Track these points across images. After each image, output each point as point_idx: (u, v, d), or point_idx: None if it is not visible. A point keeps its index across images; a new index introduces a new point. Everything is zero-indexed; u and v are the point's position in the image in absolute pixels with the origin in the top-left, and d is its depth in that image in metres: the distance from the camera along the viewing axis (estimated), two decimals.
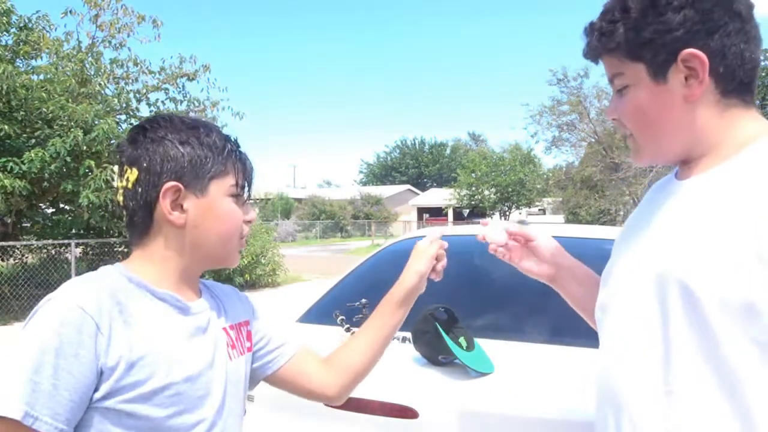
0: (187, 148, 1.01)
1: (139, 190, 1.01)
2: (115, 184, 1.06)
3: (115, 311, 0.93)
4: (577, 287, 1.23)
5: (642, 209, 1.06)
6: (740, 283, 0.80)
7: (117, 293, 0.95)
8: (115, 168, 1.07)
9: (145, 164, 1.00)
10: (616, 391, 0.94)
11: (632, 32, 0.91)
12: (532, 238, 1.23)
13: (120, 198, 1.04)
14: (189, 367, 0.98)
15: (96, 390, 0.89)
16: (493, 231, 1.25)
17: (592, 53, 0.98)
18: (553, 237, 1.31)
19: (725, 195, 0.86)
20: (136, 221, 1.03)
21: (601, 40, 0.95)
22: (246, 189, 1.10)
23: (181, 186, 1.00)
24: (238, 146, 1.09)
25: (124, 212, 1.05)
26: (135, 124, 1.06)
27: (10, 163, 8.41)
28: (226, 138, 1.07)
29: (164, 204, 1.00)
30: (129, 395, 0.90)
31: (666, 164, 1.03)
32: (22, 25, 9.93)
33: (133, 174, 1.01)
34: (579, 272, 1.24)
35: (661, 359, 0.88)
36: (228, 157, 1.05)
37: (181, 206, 1.01)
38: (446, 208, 39.21)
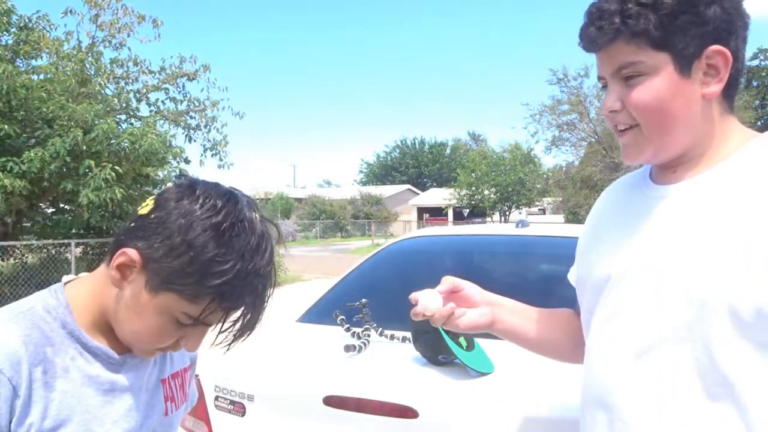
0: (197, 250, 0.81)
1: (132, 225, 0.87)
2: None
3: (38, 371, 0.82)
4: (517, 319, 1.19)
5: (617, 212, 1.05)
6: (750, 289, 0.81)
7: (45, 345, 0.84)
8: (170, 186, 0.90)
9: (160, 214, 0.84)
10: (608, 393, 0.95)
11: (667, 18, 0.87)
12: (461, 287, 1.14)
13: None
14: None
15: None
16: (426, 299, 1.09)
17: (605, 37, 0.91)
18: (554, 237, 1.31)
19: (728, 198, 0.88)
20: (113, 239, 0.89)
21: (627, 23, 0.88)
22: (209, 325, 0.89)
23: (138, 262, 0.84)
24: (259, 300, 0.87)
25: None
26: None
27: (10, 163, 8.41)
28: (254, 282, 0.85)
29: (114, 257, 0.85)
30: None
31: (659, 162, 0.98)
32: (22, 24, 9.93)
33: (147, 207, 0.87)
34: (510, 304, 1.21)
35: (655, 362, 0.89)
36: (220, 294, 0.83)
37: (130, 273, 0.85)
38: (446, 207, 39.18)
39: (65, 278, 0.96)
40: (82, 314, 0.90)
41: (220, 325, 0.89)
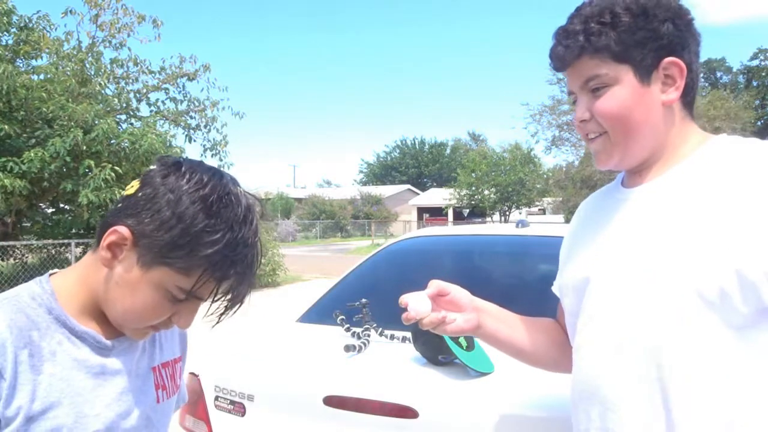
0: (186, 222, 0.83)
1: (119, 206, 0.88)
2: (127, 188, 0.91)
3: (24, 354, 0.82)
4: (500, 324, 1.22)
5: (592, 219, 1.13)
6: (710, 272, 0.88)
7: (31, 329, 0.84)
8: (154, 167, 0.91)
9: (147, 191, 0.86)
10: (597, 387, 1.00)
11: (625, 34, 0.97)
12: (447, 291, 1.15)
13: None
14: (99, 420, 0.88)
15: None
16: (416, 303, 1.10)
17: (572, 54, 1.01)
18: (554, 237, 1.32)
19: (684, 195, 0.96)
20: (99, 224, 0.91)
21: (590, 40, 0.98)
22: (201, 299, 0.90)
23: (129, 239, 0.85)
24: (248, 270, 0.89)
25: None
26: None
27: (10, 163, 8.42)
28: (243, 252, 0.87)
29: (104, 237, 0.86)
30: None
31: (627, 166, 1.06)
32: (22, 24, 9.94)
33: (132, 188, 0.89)
34: (495, 311, 1.23)
35: (635, 353, 0.95)
36: (212, 264, 0.85)
37: (120, 251, 0.86)
38: (446, 207, 39.17)
39: (50, 271, 0.96)
40: (68, 301, 0.90)
41: (211, 298, 0.90)
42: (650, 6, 0.98)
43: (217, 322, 0.94)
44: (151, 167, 0.91)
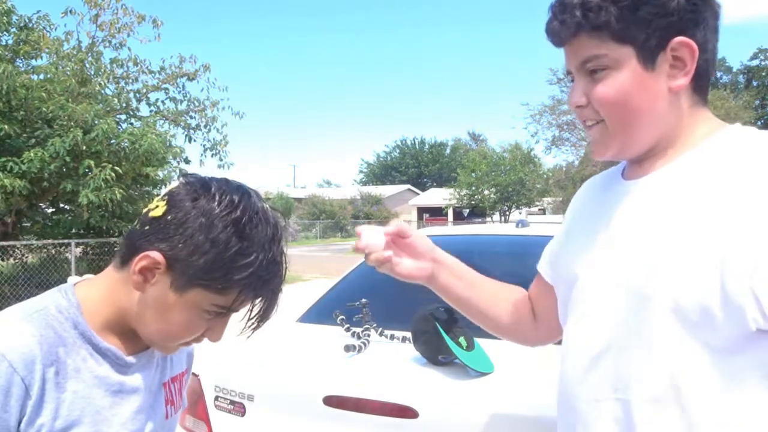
0: (221, 247, 0.83)
1: (147, 228, 0.87)
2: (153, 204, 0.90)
3: (50, 372, 0.82)
4: (457, 281, 1.17)
5: (591, 210, 1.03)
6: (695, 286, 0.79)
7: (58, 346, 0.84)
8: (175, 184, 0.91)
9: (179, 215, 0.85)
10: (573, 397, 0.95)
11: (627, 10, 0.85)
12: (408, 234, 1.12)
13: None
14: None
15: None
16: (370, 236, 1.09)
17: (568, 31, 0.89)
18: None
19: (684, 193, 0.86)
20: (124, 243, 0.90)
21: (587, 16, 0.86)
22: (236, 311, 0.91)
23: (162, 264, 0.84)
24: (279, 285, 0.92)
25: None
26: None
27: (10, 163, 8.42)
28: (275, 270, 0.89)
29: (135, 260, 0.85)
30: None
31: (627, 158, 0.97)
32: (22, 24, 9.94)
33: (159, 209, 0.87)
34: (455, 267, 1.18)
35: (609, 366, 0.88)
36: (248, 285, 0.86)
37: (152, 275, 0.86)
38: (446, 207, 39.15)
39: (71, 279, 0.96)
40: (92, 315, 0.90)
41: (245, 313, 0.92)
42: None
43: (251, 334, 0.95)
44: (175, 186, 0.90)
